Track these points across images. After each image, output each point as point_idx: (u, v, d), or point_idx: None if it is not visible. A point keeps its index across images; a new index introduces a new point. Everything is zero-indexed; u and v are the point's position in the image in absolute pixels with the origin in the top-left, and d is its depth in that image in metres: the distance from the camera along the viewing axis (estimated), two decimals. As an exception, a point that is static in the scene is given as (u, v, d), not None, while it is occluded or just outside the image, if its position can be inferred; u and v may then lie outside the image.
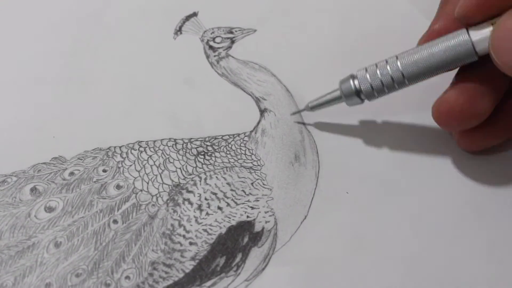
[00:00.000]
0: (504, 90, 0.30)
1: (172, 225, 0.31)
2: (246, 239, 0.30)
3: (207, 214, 0.31)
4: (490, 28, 0.27)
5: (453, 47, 0.29)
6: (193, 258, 0.30)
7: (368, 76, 0.31)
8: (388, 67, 0.30)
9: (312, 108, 0.34)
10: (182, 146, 0.33)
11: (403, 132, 0.34)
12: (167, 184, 0.32)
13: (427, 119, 0.34)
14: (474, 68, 0.29)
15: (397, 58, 0.30)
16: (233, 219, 0.31)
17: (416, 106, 0.35)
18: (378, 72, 0.30)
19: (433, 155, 0.33)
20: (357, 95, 0.31)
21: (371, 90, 0.31)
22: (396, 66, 0.30)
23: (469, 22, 0.28)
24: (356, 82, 0.31)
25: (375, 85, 0.31)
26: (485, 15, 0.28)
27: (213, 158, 0.33)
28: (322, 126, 0.34)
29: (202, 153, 0.33)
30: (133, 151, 0.33)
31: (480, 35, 0.28)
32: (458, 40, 0.28)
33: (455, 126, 0.31)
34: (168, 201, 0.31)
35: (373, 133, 0.34)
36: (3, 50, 0.38)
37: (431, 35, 0.30)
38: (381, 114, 0.35)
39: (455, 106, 0.29)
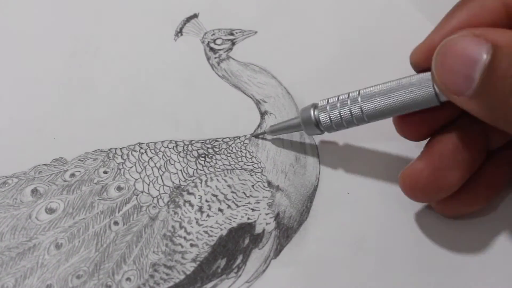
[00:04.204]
0: (478, 163, 0.29)
1: (173, 226, 0.31)
2: (247, 241, 0.30)
3: (208, 216, 0.31)
4: None
5: (414, 90, 0.27)
6: (194, 260, 0.30)
7: (328, 108, 0.30)
8: (349, 102, 0.29)
9: (272, 132, 0.33)
10: (183, 148, 0.33)
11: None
12: (168, 186, 0.32)
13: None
14: (444, 137, 0.28)
15: (359, 93, 0.29)
16: (234, 221, 0.31)
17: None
18: (338, 105, 0.29)
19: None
20: (316, 125, 0.30)
21: (329, 123, 0.30)
22: (357, 101, 0.29)
23: (422, 70, 0.27)
24: (316, 112, 0.30)
25: (333, 118, 0.30)
26: None
27: (214, 160, 0.33)
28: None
29: (203, 155, 0.33)
30: (134, 152, 0.33)
31: None
32: (420, 83, 0.27)
33: (421, 199, 0.29)
34: (169, 203, 0.31)
35: (374, 134, 0.34)
36: (3, 50, 0.38)
37: (429, 47, 0.28)
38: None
39: (420, 179, 0.28)
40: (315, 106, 0.30)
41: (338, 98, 0.30)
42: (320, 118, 0.30)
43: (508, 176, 0.30)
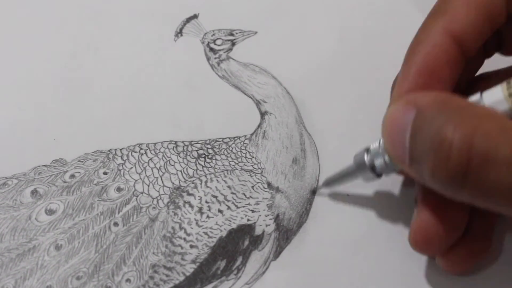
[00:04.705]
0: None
1: (173, 228, 0.31)
2: (246, 242, 0.30)
3: (208, 217, 0.31)
4: None
5: None
6: (193, 261, 0.30)
7: (381, 150, 0.28)
8: None
9: (328, 184, 0.32)
10: (183, 149, 0.33)
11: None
12: (167, 187, 0.32)
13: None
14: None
15: None
16: (233, 222, 0.31)
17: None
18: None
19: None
20: (372, 170, 0.28)
21: (384, 166, 0.28)
22: None
23: None
24: (369, 157, 0.28)
25: (387, 161, 0.27)
26: None
27: (214, 161, 0.33)
28: (323, 128, 0.34)
29: (203, 155, 0.33)
30: (133, 153, 0.33)
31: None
32: None
33: (436, 249, 0.28)
34: (169, 204, 0.31)
35: (374, 136, 0.34)
36: (4, 51, 0.38)
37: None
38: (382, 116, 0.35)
39: (431, 230, 0.27)
40: (367, 150, 0.28)
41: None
42: (375, 163, 0.28)
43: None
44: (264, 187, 0.32)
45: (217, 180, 0.32)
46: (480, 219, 0.28)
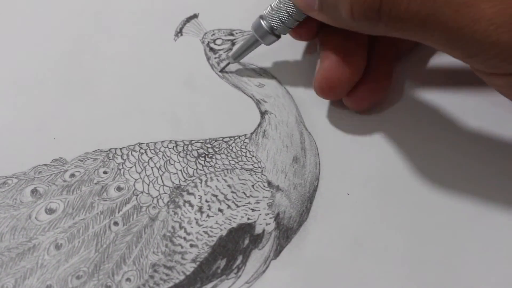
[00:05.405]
0: (366, 44, 0.32)
1: (173, 227, 0.31)
2: (246, 241, 0.30)
3: (208, 216, 0.31)
4: None
5: None
6: (194, 260, 0.30)
7: (274, 12, 0.32)
8: None
9: (235, 58, 0.35)
10: (183, 148, 0.33)
11: (404, 134, 0.34)
12: (167, 186, 0.32)
13: (426, 120, 0.34)
14: (334, 33, 0.31)
15: None
16: (233, 221, 0.31)
17: (415, 106, 0.35)
18: (282, 5, 0.31)
19: (432, 157, 0.33)
20: (271, 32, 0.33)
21: (281, 24, 0.32)
22: None
23: None
24: (265, 22, 0.32)
25: (283, 19, 0.32)
26: None
27: (214, 160, 0.33)
28: (323, 128, 0.35)
29: (203, 155, 0.33)
30: (133, 153, 0.33)
31: None
32: None
33: (338, 93, 0.32)
34: (169, 203, 0.31)
35: (374, 134, 0.34)
36: (4, 51, 0.38)
37: None
38: (382, 115, 0.35)
39: (334, 76, 0.31)
40: (261, 17, 0.33)
41: (280, 0, 0.32)
42: (272, 24, 0.32)
43: (394, 56, 0.34)
44: (264, 186, 0.32)
45: (217, 179, 0.32)
46: (379, 61, 0.33)
